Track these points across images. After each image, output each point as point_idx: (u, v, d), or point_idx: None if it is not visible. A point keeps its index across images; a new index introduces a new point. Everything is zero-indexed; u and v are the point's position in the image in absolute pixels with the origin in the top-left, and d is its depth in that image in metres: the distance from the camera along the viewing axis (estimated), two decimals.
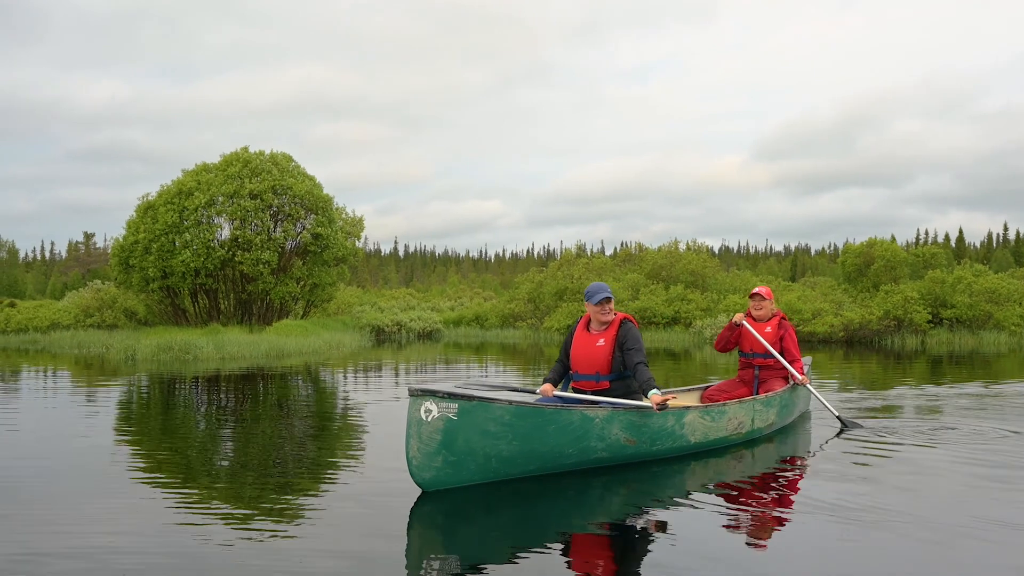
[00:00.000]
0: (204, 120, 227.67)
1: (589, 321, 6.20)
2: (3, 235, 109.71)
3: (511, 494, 5.01)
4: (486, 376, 13.69)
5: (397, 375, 14.23)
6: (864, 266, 27.94)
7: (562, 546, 4.07)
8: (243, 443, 7.16)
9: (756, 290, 8.06)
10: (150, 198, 25.72)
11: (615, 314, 6.13)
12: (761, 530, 4.31)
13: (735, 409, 6.60)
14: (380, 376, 14.06)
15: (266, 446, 6.94)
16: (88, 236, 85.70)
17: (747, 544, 4.06)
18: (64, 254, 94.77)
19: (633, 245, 39.04)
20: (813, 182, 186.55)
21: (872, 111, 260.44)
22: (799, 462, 6.20)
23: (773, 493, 5.13)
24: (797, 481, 5.54)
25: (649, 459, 5.88)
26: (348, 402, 10.20)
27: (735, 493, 5.12)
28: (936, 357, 17.54)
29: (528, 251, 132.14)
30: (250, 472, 5.86)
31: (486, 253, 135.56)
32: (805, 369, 8.04)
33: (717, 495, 5.06)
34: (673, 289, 28.15)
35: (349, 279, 32.99)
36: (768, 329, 7.87)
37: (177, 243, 24.49)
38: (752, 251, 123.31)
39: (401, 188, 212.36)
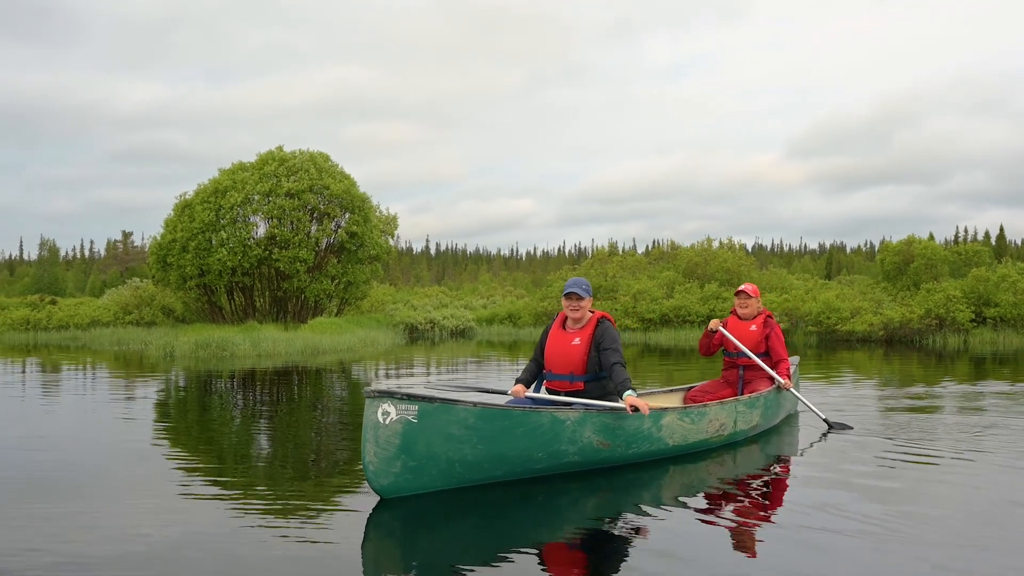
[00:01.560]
0: (240, 121, 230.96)
1: (566, 319, 5.95)
2: (45, 234, 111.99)
3: (476, 501, 4.75)
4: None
5: (428, 372, 14.23)
6: (903, 264, 27.51)
7: (530, 556, 3.82)
8: (235, 443, 7.17)
9: (742, 287, 7.79)
10: (187, 197, 25.99)
11: (592, 312, 5.87)
12: (742, 538, 4.10)
13: (716, 411, 6.30)
14: (412, 374, 14.07)
15: (259, 446, 6.93)
16: (126, 235, 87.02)
17: (727, 552, 3.86)
18: (103, 252, 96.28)
19: (666, 243, 38.79)
20: (848, 179, 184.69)
21: (908, 108, 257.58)
22: (783, 466, 5.97)
23: (755, 498, 4.94)
24: (780, 486, 5.34)
25: (624, 463, 5.64)
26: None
27: (715, 498, 4.92)
28: (979, 357, 17.18)
29: (559, 249, 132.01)
30: (227, 472, 5.81)
31: (517, 251, 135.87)
32: (792, 369, 7.78)
33: (696, 500, 4.85)
34: (708, 287, 27.90)
35: (382, 277, 33.07)
36: (753, 328, 7.61)
37: (214, 241, 24.72)
38: (786, 249, 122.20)
39: (433, 187, 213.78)
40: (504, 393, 6.04)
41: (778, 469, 5.84)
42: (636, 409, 5.30)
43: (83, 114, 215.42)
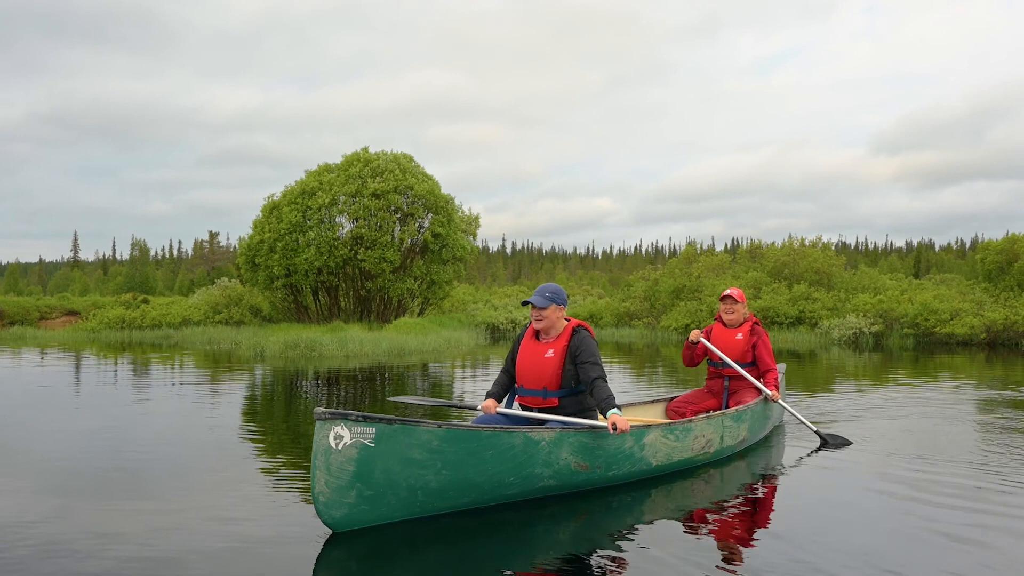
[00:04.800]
0: (327, 124, 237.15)
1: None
2: (138, 235, 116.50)
3: (440, 531, 4.36)
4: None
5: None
6: (1006, 263, 26.25)
7: None
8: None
9: (727, 292, 7.38)
10: (275, 199, 26.46)
11: (567, 321, 5.38)
12: (731, 566, 3.83)
13: (702, 426, 5.91)
14: (487, 375, 13.97)
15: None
16: (213, 235, 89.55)
17: None
18: (190, 252, 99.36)
19: (746, 242, 37.91)
20: (937, 175, 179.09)
21: (1004, 101, 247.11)
22: (772, 485, 5.62)
23: (744, 522, 4.63)
24: (771, 508, 5.03)
25: (604, 486, 5.26)
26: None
27: (701, 522, 4.62)
28: None
29: (636, 248, 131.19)
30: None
31: (593, 250, 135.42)
32: (779, 378, 7.38)
33: (680, 525, 4.55)
34: (797, 288, 27.12)
35: (464, 277, 33.20)
36: (739, 336, 7.21)
37: (300, 242, 25.12)
38: (871, 247, 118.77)
39: (512, 187, 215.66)
40: (474, 408, 5.61)
41: (768, 489, 5.50)
42: (620, 429, 4.91)
43: (179, 120, 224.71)
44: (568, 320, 5.40)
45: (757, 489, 5.48)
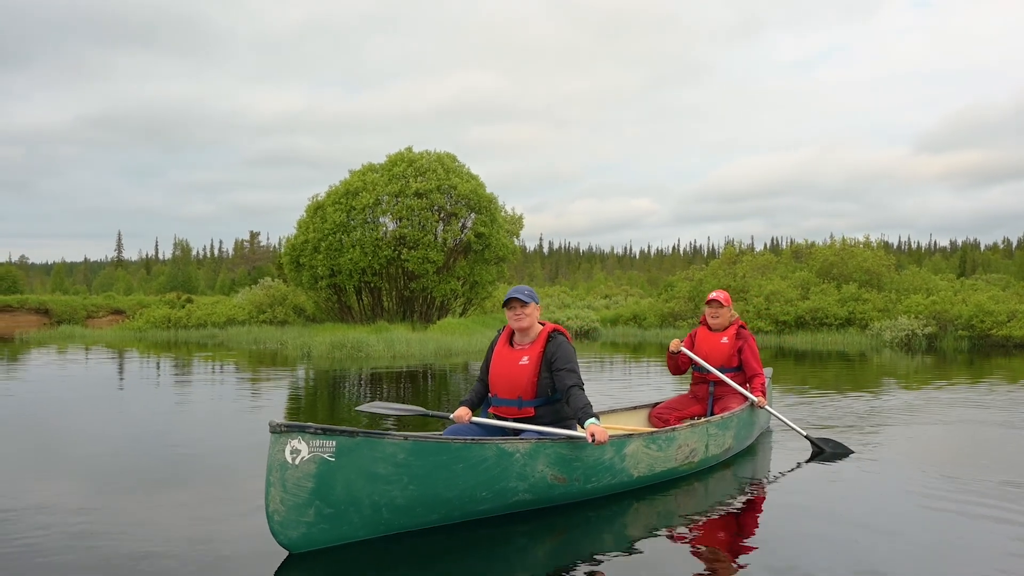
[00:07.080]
0: (369, 127, 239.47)
1: (513, 333, 5.17)
2: (181, 235, 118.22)
3: (407, 550, 4.06)
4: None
5: None
6: None
7: None
8: None
9: (712, 296, 7.12)
10: (319, 199, 26.54)
11: (542, 325, 5.11)
12: None
13: (686, 435, 5.64)
14: None
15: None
16: (253, 235, 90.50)
17: None
18: (231, 252, 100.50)
19: (787, 242, 37.36)
20: (983, 174, 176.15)
21: None
22: (758, 495, 5.37)
23: (732, 536, 4.43)
24: (755, 518, 4.81)
25: (582, 499, 4.98)
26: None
27: (684, 534, 4.40)
28: None
29: (674, 247, 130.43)
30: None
31: (631, 250, 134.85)
32: (766, 383, 7.11)
33: (663, 540, 4.31)
34: (846, 288, 26.62)
35: (506, 277, 33.09)
36: (724, 340, 6.95)
37: (344, 242, 25.16)
38: (914, 247, 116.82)
39: (551, 187, 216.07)
40: (446, 417, 5.31)
41: (753, 500, 5.25)
42: (600, 440, 4.65)
43: (223, 122, 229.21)
44: (543, 324, 5.15)
45: (742, 500, 5.24)
